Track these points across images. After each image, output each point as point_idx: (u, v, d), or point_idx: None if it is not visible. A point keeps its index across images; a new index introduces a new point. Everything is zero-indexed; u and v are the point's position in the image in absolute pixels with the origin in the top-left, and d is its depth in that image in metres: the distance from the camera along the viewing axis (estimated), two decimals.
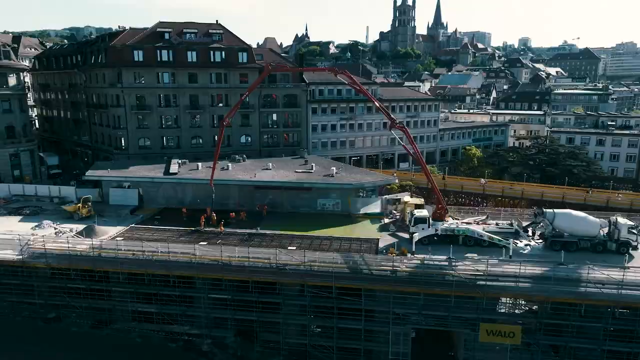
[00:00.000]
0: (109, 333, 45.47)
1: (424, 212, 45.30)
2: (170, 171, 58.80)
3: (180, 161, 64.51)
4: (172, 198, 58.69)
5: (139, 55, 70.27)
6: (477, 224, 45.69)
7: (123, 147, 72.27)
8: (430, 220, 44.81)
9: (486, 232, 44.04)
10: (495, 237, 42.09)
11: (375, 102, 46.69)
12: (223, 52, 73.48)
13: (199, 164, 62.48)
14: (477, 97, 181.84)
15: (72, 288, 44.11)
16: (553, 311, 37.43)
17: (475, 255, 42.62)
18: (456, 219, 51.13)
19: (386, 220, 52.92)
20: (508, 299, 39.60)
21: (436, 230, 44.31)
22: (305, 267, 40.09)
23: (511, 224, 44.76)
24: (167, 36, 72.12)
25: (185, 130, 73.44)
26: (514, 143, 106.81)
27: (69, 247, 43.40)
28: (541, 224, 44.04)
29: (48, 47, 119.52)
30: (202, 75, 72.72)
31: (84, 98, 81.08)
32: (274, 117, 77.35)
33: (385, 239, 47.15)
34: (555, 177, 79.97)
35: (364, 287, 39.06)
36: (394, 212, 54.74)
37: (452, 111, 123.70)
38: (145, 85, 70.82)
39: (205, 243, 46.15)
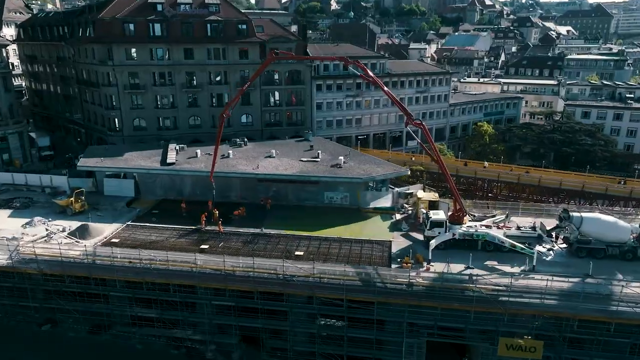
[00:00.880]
0: (108, 339, 43.48)
1: (440, 215, 42.17)
2: (168, 161, 55.16)
3: (178, 147, 60.78)
4: (170, 189, 55.41)
5: (129, 29, 64.96)
6: (498, 227, 42.62)
7: (117, 129, 68.22)
8: (448, 223, 41.74)
9: (507, 236, 41.04)
10: (518, 245, 39.15)
11: (391, 96, 42.48)
12: (221, 25, 68.01)
13: (198, 151, 58.81)
14: (486, 60, 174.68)
15: (67, 292, 41.71)
16: (579, 327, 35.08)
17: (496, 263, 39.99)
18: (472, 214, 48.28)
19: (398, 216, 49.90)
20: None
21: (454, 234, 41.35)
22: (314, 279, 37.47)
23: (534, 228, 41.67)
24: (159, 7, 66.45)
25: (182, 110, 69.12)
26: (525, 114, 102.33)
27: (60, 252, 40.64)
28: (566, 228, 40.98)
29: (34, 11, 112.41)
30: (199, 51, 67.61)
31: (73, 73, 76.14)
32: (276, 95, 72.77)
33: (398, 241, 44.29)
34: (569, 156, 76.48)
35: (377, 300, 36.62)
36: (406, 205, 51.65)
37: (462, 80, 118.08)
38: (138, 62, 65.88)
39: (206, 247, 43.39)
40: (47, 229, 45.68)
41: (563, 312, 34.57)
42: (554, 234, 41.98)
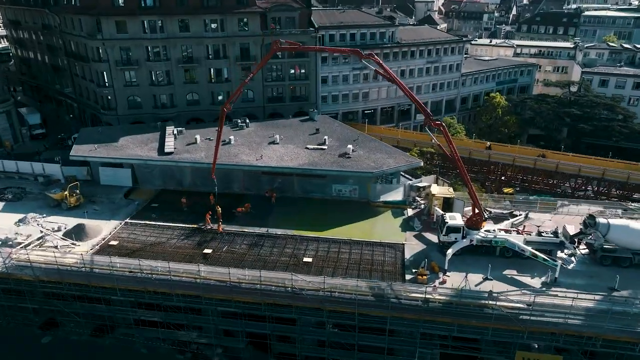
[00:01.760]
0: (112, 342, 42.30)
1: (457, 220, 39.64)
2: (166, 150, 51.90)
3: (176, 130, 57.30)
4: (169, 179, 52.62)
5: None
6: (518, 231, 40.22)
7: (111, 107, 64.34)
8: (465, 229, 39.35)
9: (528, 242, 38.74)
10: (540, 255, 36.89)
11: (408, 92, 38.62)
12: None
13: (197, 136, 55.39)
14: (496, 15, 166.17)
15: (67, 295, 39.94)
16: (602, 345, 33.56)
17: (515, 272, 37.99)
18: (488, 210, 45.86)
19: (410, 212, 47.45)
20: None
21: (471, 241, 39.06)
22: (324, 293, 35.58)
23: (556, 234, 39.24)
24: None
25: (179, 87, 64.94)
26: (538, 82, 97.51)
27: (56, 260, 38.55)
28: (591, 235, 38.63)
29: None
30: (195, 23, 62.46)
31: (61, 44, 71.11)
32: (279, 68, 68.17)
33: (411, 244, 42.06)
34: (585, 132, 73.00)
35: (390, 315, 34.95)
36: (418, 199, 49.06)
37: (473, 42, 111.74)
38: (130, 36, 60.96)
39: (210, 251, 41.24)
40: (41, 230, 43.21)
41: (587, 331, 32.95)
42: (576, 240, 39.60)
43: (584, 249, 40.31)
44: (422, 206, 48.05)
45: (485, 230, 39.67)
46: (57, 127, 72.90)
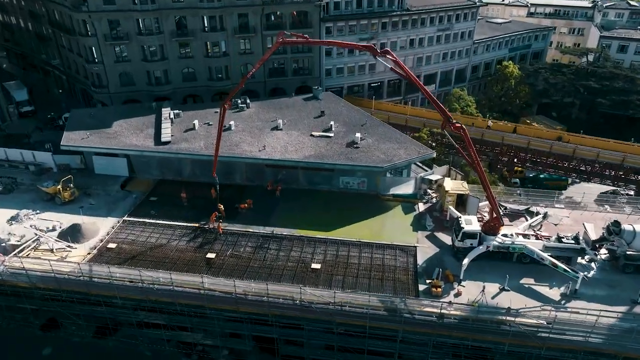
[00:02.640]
0: (115, 345, 41.37)
1: (474, 226, 37.49)
2: (163, 139, 48.84)
3: (172, 113, 53.94)
4: (168, 168, 49.93)
5: None
6: (537, 236, 38.15)
7: (102, 85, 60.40)
8: (481, 234, 37.36)
9: (547, 247, 36.86)
10: (560, 265, 35.07)
11: (429, 95, 35.19)
12: None
13: (196, 122, 52.12)
14: None
15: (66, 298, 38.41)
16: None
17: (532, 281, 36.37)
18: (503, 206, 43.77)
19: (421, 207, 45.27)
20: None
21: (488, 247, 37.16)
22: (335, 307, 34.08)
23: (577, 239, 37.20)
24: None
25: (174, 62, 60.69)
26: (552, 44, 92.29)
27: (52, 268, 36.73)
28: (614, 242, 36.71)
29: None
30: None
31: (44, 11, 65.87)
32: None
33: (424, 247, 40.15)
34: (601, 107, 69.61)
35: (403, 329, 33.70)
36: (429, 191, 46.78)
37: (485, 1, 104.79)
38: (118, 7, 56.05)
39: (213, 256, 39.36)
40: (35, 233, 41.03)
41: (607, 349, 31.78)
42: (597, 245, 37.72)
43: (604, 254, 38.52)
44: (434, 200, 45.85)
45: (502, 235, 37.68)
46: (46, 103, 68.98)
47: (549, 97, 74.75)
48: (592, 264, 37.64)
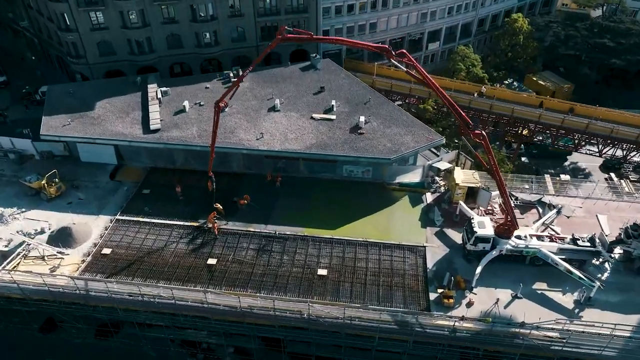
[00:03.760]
0: (118, 345, 40.76)
1: (487, 229, 35.78)
2: (152, 126, 45.10)
3: (160, 92, 49.71)
4: (158, 157, 46.67)
5: None
6: (551, 238, 36.64)
7: (79, 55, 55.13)
8: (494, 238, 35.83)
9: (562, 250, 35.57)
10: (576, 272, 33.92)
11: (453, 107, 31.54)
12: None
13: (186, 103, 48.13)
14: None
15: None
16: None
17: (545, 286, 35.46)
18: (514, 195, 42.04)
19: (429, 197, 43.26)
20: None
21: (501, 251, 35.77)
22: (344, 322, 33.13)
23: (593, 240, 35.78)
24: None
25: (157, 29, 55.08)
26: None
27: (45, 283, 34.96)
28: (632, 245, 35.46)
29: None
30: None
31: None
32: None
33: (433, 247, 38.59)
34: (614, 68, 65.91)
35: (413, 340, 33.15)
36: (437, 179, 44.59)
37: None
38: None
39: (214, 261, 37.60)
40: (24, 241, 38.51)
41: None
42: (613, 247, 36.45)
43: (618, 253, 37.39)
44: (442, 190, 43.80)
45: (516, 237, 36.18)
46: (18, 70, 63.49)
47: (558, 52, 70.43)
48: (606, 265, 36.65)
